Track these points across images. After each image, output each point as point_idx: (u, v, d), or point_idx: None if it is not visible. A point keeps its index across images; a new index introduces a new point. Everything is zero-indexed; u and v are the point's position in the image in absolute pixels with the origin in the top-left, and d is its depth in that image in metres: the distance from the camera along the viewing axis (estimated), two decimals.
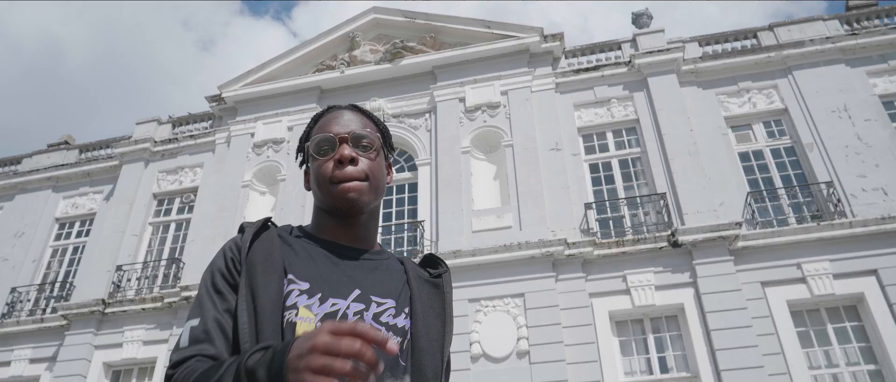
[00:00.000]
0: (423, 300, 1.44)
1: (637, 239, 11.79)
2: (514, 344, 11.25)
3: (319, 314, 1.29)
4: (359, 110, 1.54)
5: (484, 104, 14.37)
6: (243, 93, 16.27)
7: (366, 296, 1.36)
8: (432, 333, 1.40)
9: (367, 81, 15.75)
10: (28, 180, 17.55)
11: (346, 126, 1.45)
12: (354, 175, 1.40)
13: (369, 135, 1.45)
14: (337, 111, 1.51)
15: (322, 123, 1.49)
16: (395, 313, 1.37)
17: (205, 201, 15.23)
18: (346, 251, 1.43)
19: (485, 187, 13.62)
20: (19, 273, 15.86)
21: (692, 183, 12.33)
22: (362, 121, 1.50)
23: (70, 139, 20.08)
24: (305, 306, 1.30)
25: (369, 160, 1.43)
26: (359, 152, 1.42)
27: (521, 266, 11.92)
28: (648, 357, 11.25)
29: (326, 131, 1.44)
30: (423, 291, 1.46)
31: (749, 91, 13.60)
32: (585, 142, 13.92)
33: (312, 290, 1.32)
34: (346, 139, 1.42)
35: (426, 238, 13.11)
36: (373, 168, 1.44)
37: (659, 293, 11.44)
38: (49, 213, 16.91)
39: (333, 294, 1.33)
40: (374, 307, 1.35)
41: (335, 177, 1.40)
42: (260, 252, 1.36)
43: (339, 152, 1.41)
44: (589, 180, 13.38)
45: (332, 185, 1.40)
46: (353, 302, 1.33)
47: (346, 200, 1.39)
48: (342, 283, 1.36)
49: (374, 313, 1.34)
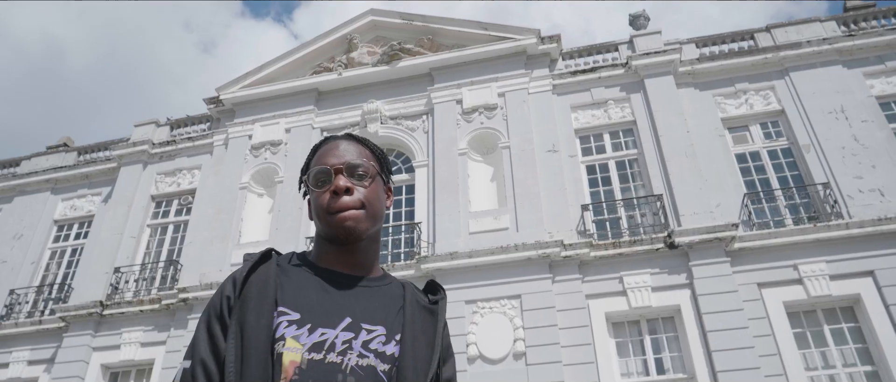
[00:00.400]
0: (415, 327, 1.45)
1: (633, 241, 11.79)
2: (510, 346, 11.25)
3: (308, 344, 1.32)
4: (355, 139, 1.58)
5: (481, 106, 14.38)
6: (241, 95, 16.30)
7: (356, 324, 1.39)
8: (419, 361, 1.41)
9: (365, 83, 15.77)
10: (27, 182, 17.58)
11: (340, 157, 1.50)
12: (350, 205, 1.44)
13: (364, 164, 1.50)
14: (333, 142, 1.56)
15: (319, 154, 1.54)
16: (385, 340, 1.40)
17: (203, 203, 15.25)
18: (343, 278, 1.47)
19: (482, 189, 13.63)
20: (18, 275, 15.89)
21: (689, 184, 12.34)
22: (358, 150, 1.54)
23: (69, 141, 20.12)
24: (293, 337, 1.33)
25: (365, 188, 1.48)
26: (354, 182, 1.47)
27: (517, 268, 11.93)
28: (645, 358, 11.25)
29: (322, 164, 1.49)
30: (418, 318, 1.48)
31: (746, 92, 13.61)
32: (582, 143, 13.93)
33: (302, 320, 1.36)
34: (340, 170, 1.47)
35: (423, 240, 13.12)
36: (369, 196, 1.48)
37: (655, 295, 11.44)
38: (47, 215, 16.94)
39: (323, 324, 1.36)
40: (364, 334, 1.38)
41: (331, 208, 1.44)
42: (254, 287, 1.40)
43: (335, 183, 1.45)
44: (586, 181, 13.39)
45: (330, 215, 1.44)
46: (342, 331, 1.36)
47: (344, 228, 1.43)
48: (333, 312, 1.39)
49: (363, 341, 1.37)
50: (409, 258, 12.98)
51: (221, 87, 16.51)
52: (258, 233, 14.29)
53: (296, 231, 13.83)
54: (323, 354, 1.32)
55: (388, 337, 1.40)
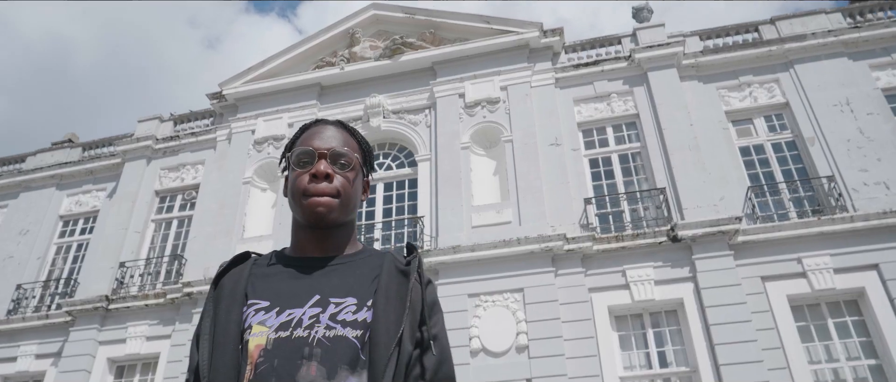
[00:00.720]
0: (389, 292, 1.44)
1: (636, 234, 11.76)
2: (513, 339, 11.26)
3: (274, 325, 1.36)
4: (344, 127, 1.59)
5: (483, 100, 14.36)
6: (244, 90, 16.32)
7: (324, 300, 1.40)
8: (390, 319, 1.40)
9: (367, 77, 15.76)
10: (32, 178, 17.66)
11: (327, 142, 1.51)
12: (326, 191, 1.45)
13: (348, 153, 1.51)
14: (322, 125, 1.57)
15: (306, 135, 1.55)
16: (356, 308, 1.40)
17: (206, 198, 15.29)
18: (314, 262, 1.49)
19: (484, 183, 13.62)
20: (25, 270, 15.98)
21: (692, 178, 12.29)
22: (345, 138, 1.55)
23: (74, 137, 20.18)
24: (260, 322, 1.37)
25: (344, 178, 1.49)
26: (336, 169, 1.48)
27: (520, 261, 11.93)
28: (648, 351, 11.24)
29: (308, 145, 1.51)
30: (393, 282, 1.47)
31: (750, 85, 13.53)
32: (585, 137, 13.89)
33: (271, 306, 1.40)
34: (324, 155, 1.48)
35: (426, 234, 13.12)
36: (346, 186, 1.49)
37: (658, 288, 11.41)
38: (53, 210, 17.02)
39: (290, 305, 1.39)
40: (332, 307, 1.39)
41: (308, 190, 1.45)
42: (226, 287, 1.48)
43: (316, 167, 1.46)
44: (589, 175, 13.36)
45: (304, 197, 1.46)
46: (309, 308, 1.38)
47: (315, 214, 1.45)
48: (301, 293, 1.41)
49: (331, 313, 1.38)
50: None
51: (224, 82, 16.53)
52: (262, 227, 14.33)
53: None
54: (289, 331, 1.34)
55: (360, 306, 1.40)
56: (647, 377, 10.98)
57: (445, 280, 12.08)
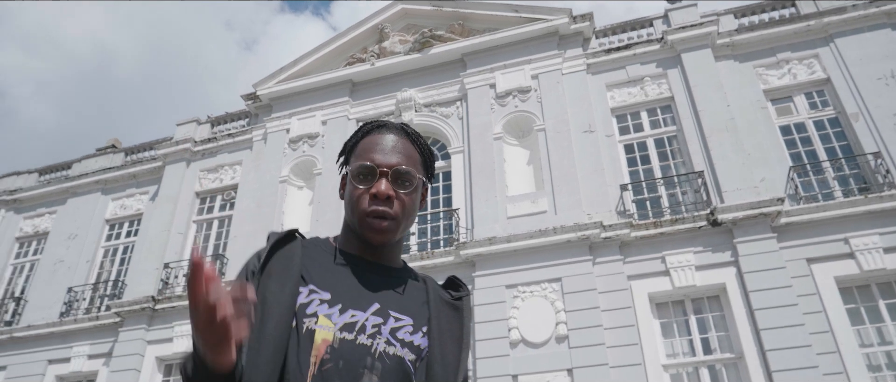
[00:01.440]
0: (441, 322, 1.44)
1: (675, 219, 11.56)
2: (552, 329, 11.20)
3: (339, 323, 1.32)
4: (407, 135, 1.52)
5: (515, 89, 14.26)
6: (277, 90, 16.51)
7: (385, 311, 1.38)
8: (448, 357, 1.40)
9: (397, 71, 15.78)
10: (79, 183, 18.20)
11: (389, 157, 1.44)
12: (387, 214, 1.40)
13: (410, 172, 1.44)
14: (385, 134, 1.50)
15: (368, 143, 1.49)
16: (413, 330, 1.38)
17: (245, 198, 15.55)
18: (368, 266, 1.45)
19: (518, 173, 13.54)
20: (75, 274, 16.51)
21: (731, 160, 12.02)
22: (409, 152, 1.48)
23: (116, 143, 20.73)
24: (325, 315, 1.32)
25: (405, 198, 1.43)
26: (397, 189, 1.42)
27: (557, 251, 11.84)
28: (690, 338, 11.06)
29: (370, 159, 1.44)
30: (443, 313, 1.46)
31: (788, 62, 13.14)
32: (619, 122, 13.68)
33: (333, 300, 1.35)
34: (386, 174, 1.42)
35: (462, 226, 13.12)
36: (407, 206, 1.44)
37: (699, 274, 11.21)
38: (99, 215, 17.51)
39: (353, 306, 1.35)
40: (392, 321, 1.37)
41: (368, 212, 1.41)
42: (278, 263, 1.40)
43: (377, 187, 1.41)
44: (624, 160, 13.17)
45: (365, 218, 1.41)
46: (371, 315, 1.35)
47: (373, 235, 1.42)
48: (362, 296, 1.38)
49: (392, 327, 1.36)
50: (448, 245, 13.00)
51: (258, 82, 16.75)
52: (299, 225, 14.49)
53: (336, 223, 13.97)
54: (354, 335, 1.32)
55: (415, 328, 1.39)
56: (691, 364, 10.81)
57: (482, 272, 12.07)
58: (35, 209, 18.57)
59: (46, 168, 19.54)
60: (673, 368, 10.82)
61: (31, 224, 18.38)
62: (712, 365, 10.72)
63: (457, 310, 1.49)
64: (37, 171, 19.58)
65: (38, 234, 18.12)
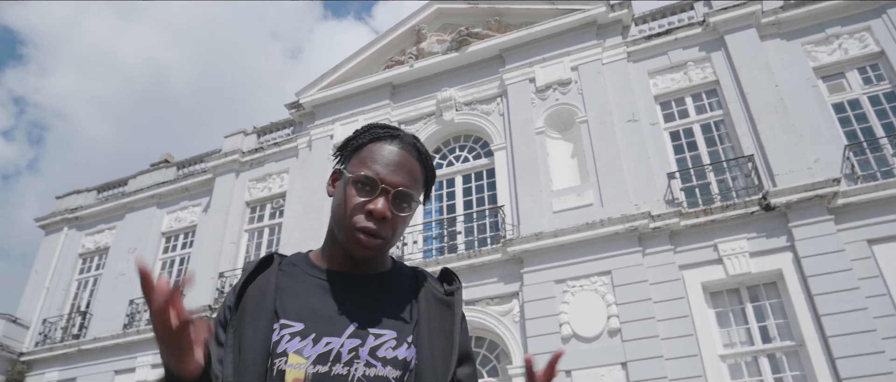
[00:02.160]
0: (431, 324, 1.37)
1: (726, 206, 11.28)
2: (604, 323, 11.08)
3: (312, 356, 1.26)
4: (417, 152, 1.42)
5: (555, 82, 14.13)
6: (319, 97, 16.75)
7: (363, 330, 1.30)
8: (437, 361, 1.33)
9: (436, 72, 15.82)
10: (135, 199, 18.84)
11: (394, 175, 1.35)
12: (378, 234, 1.32)
13: (412, 195, 1.36)
14: (395, 146, 1.39)
15: (375, 152, 1.38)
16: (396, 344, 1.31)
17: (293, 205, 15.84)
18: (348, 279, 1.38)
19: (563, 166, 13.43)
20: (135, 286, 17.05)
21: (782, 142, 11.66)
22: (414, 171, 1.39)
23: (169, 157, 21.36)
24: (296, 351, 1.26)
25: (399, 220, 1.35)
26: (394, 211, 1.33)
27: (605, 243, 11.70)
28: (748, 327, 10.78)
29: (374, 172, 1.34)
30: (433, 313, 1.39)
31: (838, 37, 12.66)
32: (664, 110, 13.42)
33: (306, 331, 1.28)
34: (387, 192, 1.33)
35: (508, 223, 13.08)
36: (398, 228, 1.36)
37: (754, 260, 10.91)
38: (155, 228, 18.09)
39: (328, 333, 1.28)
40: (371, 340, 1.30)
41: (359, 227, 1.32)
42: (252, 298, 1.34)
43: (375, 203, 1.32)
44: (670, 148, 12.91)
45: (353, 231, 1.32)
46: (347, 339, 1.28)
47: (358, 251, 1.33)
48: (337, 319, 1.31)
49: (371, 347, 1.29)
50: (495, 243, 12.98)
51: (300, 91, 17.03)
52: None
53: None
54: (328, 366, 1.25)
55: (399, 341, 1.31)
56: (750, 353, 10.55)
57: (530, 268, 12.01)
58: (95, 226, 19.30)
59: (104, 185, 20.28)
60: (730, 358, 10.58)
61: (93, 240, 19.11)
62: (772, 354, 10.43)
63: (448, 307, 1.41)
64: (95, 188, 20.35)
65: (100, 249, 18.83)
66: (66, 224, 19.71)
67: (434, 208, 14.72)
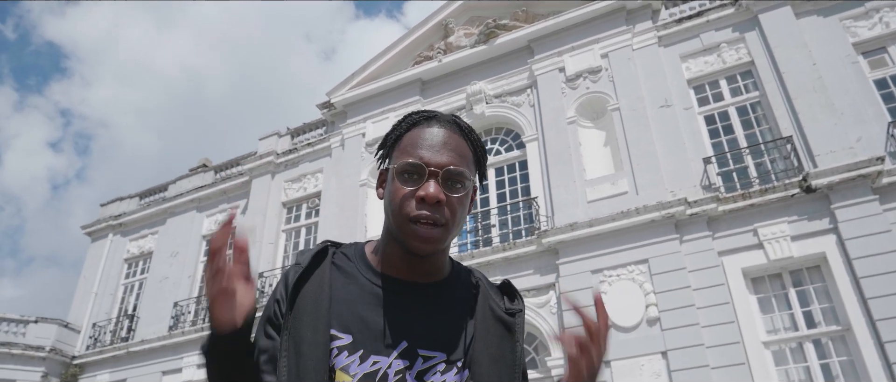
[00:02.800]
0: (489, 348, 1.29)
1: (765, 189, 11.03)
2: (642, 312, 10.95)
3: (358, 374, 1.20)
4: (459, 128, 1.33)
5: (585, 71, 13.98)
6: (350, 96, 16.87)
7: (412, 350, 1.23)
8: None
9: (465, 65, 15.79)
10: (175, 204, 19.26)
11: (440, 155, 1.26)
12: (435, 220, 1.23)
13: (462, 173, 1.26)
14: (435, 126, 1.30)
15: (415, 136, 1.29)
16: (444, 368, 1.24)
17: (328, 204, 16.00)
18: (403, 288, 1.30)
19: (596, 155, 13.29)
20: (179, 289, 17.49)
21: (821, 121, 11.34)
22: (460, 148, 1.29)
23: (207, 162, 21.81)
24: (342, 367, 1.20)
25: (456, 202, 1.26)
26: (448, 193, 1.24)
27: (641, 232, 11.56)
28: (791, 312, 10.53)
29: (418, 157, 1.25)
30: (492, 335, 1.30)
31: (879, 10, 12.23)
32: (697, 93, 13.16)
33: (354, 345, 1.22)
34: (436, 174, 1.24)
35: (542, 214, 13.01)
36: (457, 211, 1.26)
37: (796, 244, 10.65)
38: (196, 232, 18.47)
39: (376, 351, 1.22)
40: (419, 363, 1.23)
41: (413, 217, 1.23)
42: (309, 297, 1.26)
43: (425, 189, 1.22)
44: (705, 133, 12.66)
45: (409, 223, 1.23)
46: (396, 360, 1.22)
47: (418, 243, 1.24)
48: (388, 334, 1.24)
49: (418, 371, 1.22)
50: (530, 234, 12.92)
51: (331, 90, 17.18)
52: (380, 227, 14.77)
53: None
54: None
55: (449, 363, 1.24)
56: (794, 339, 10.31)
57: (566, 259, 11.93)
58: (139, 231, 19.81)
59: (145, 191, 20.78)
60: (774, 345, 10.35)
61: (137, 246, 19.62)
62: (817, 339, 10.18)
63: (509, 330, 1.32)
64: (137, 195, 20.86)
65: (144, 254, 19.32)
66: (110, 231, 20.27)
67: None
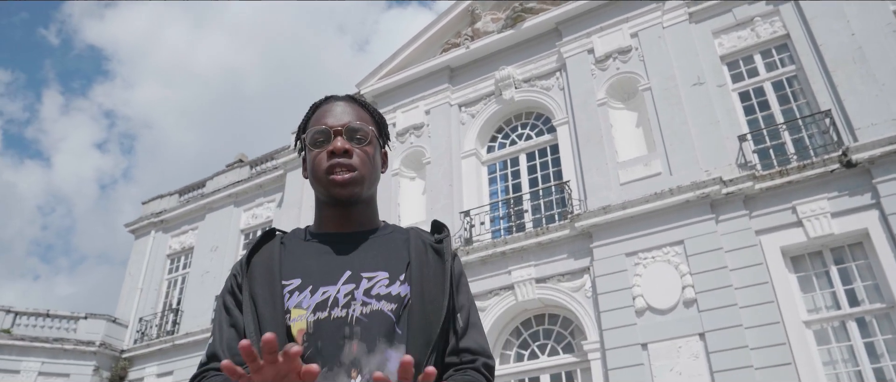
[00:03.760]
0: (423, 267, 1.45)
1: (803, 165, 10.75)
2: (679, 294, 10.82)
3: (311, 305, 1.35)
4: (355, 101, 1.57)
5: (614, 51, 13.78)
6: (379, 86, 16.94)
7: (356, 275, 1.40)
8: (427, 296, 1.40)
9: (493, 51, 15.70)
10: (213, 199, 19.66)
11: (340, 118, 1.49)
12: (347, 166, 1.44)
13: (363, 127, 1.49)
14: (333, 102, 1.55)
15: (318, 114, 1.54)
16: (389, 282, 1.40)
17: None
18: (341, 237, 1.49)
19: (627, 137, 13.13)
20: (220, 283, 17.85)
21: (861, 94, 10.99)
22: (357, 112, 1.53)
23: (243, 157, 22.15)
24: (296, 305, 1.36)
25: (363, 153, 1.48)
26: (353, 145, 1.47)
27: (676, 213, 11.40)
28: (833, 290, 10.29)
29: (321, 123, 1.49)
30: (425, 257, 1.47)
31: None
32: (731, 70, 12.87)
33: (303, 285, 1.38)
34: (339, 132, 1.47)
35: (574, 198, 12.92)
36: (365, 160, 1.48)
37: (836, 221, 10.37)
38: (234, 226, 18.84)
39: (324, 282, 1.38)
40: (365, 282, 1.39)
41: (328, 168, 1.45)
42: (259, 265, 1.45)
43: (333, 144, 1.45)
44: (740, 110, 12.39)
45: (326, 175, 1.45)
46: (343, 285, 1.38)
47: (340, 188, 1.45)
48: (332, 270, 1.41)
49: (365, 289, 1.38)
50: (563, 219, 12.86)
51: (361, 81, 17.27)
52: (415, 215, 14.86)
53: (450, 208, 14.21)
54: (327, 312, 1.34)
55: (392, 279, 1.41)
56: (837, 318, 10.08)
57: (600, 242, 11.85)
58: (180, 227, 20.28)
59: (185, 188, 21.25)
60: (816, 324, 10.14)
61: (178, 241, 20.10)
62: (861, 318, 9.94)
63: (438, 254, 1.49)
64: (177, 192, 21.35)
65: (185, 249, 19.79)
66: (152, 228, 20.80)
67: (500, 188, 14.69)
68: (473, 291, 12.89)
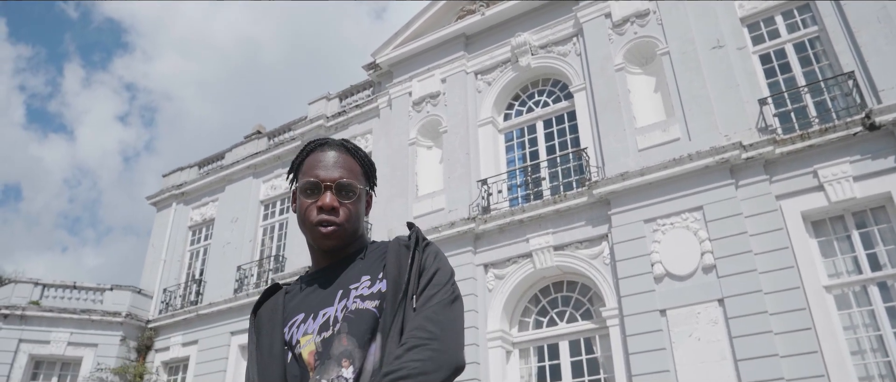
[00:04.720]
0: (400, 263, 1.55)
1: (825, 128, 10.59)
2: (698, 260, 10.80)
3: (315, 329, 1.51)
4: (347, 150, 1.67)
5: (632, 14, 13.54)
6: (395, 55, 16.85)
7: (346, 290, 1.55)
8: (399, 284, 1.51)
9: (509, 17, 15.51)
10: (233, 171, 19.82)
11: (331, 172, 1.59)
12: (333, 222, 1.56)
13: (352, 185, 1.60)
14: (326, 151, 1.65)
15: (312, 161, 1.64)
16: (371, 283, 1.54)
17: (379, 164, 16.14)
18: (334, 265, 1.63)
19: (645, 102, 12.98)
20: (241, 253, 18.14)
21: (886, 54, 10.74)
22: (349, 165, 1.63)
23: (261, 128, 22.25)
24: (303, 333, 1.52)
25: (349, 208, 1.59)
26: (341, 200, 1.58)
27: (695, 178, 11.32)
28: (855, 255, 10.21)
29: (313, 175, 1.60)
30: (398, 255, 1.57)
31: None
32: (751, 32, 12.62)
33: (306, 316, 1.55)
34: (330, 187, 1.57)
35: (592, 165, 12.86)
36: (352, 214, 1.59)
37: (859, 185, 10.25)
38: (254, 197, 19.02)
39: (323, 307, 1.54)
40: (353, 292, 1.53)
41: (316, 221, 1.56)
42: (265, 316, 1.64)
43: (322, 199, 1.56)
44: (761, 73, 12.18)
45: (314, 227, 1.57)
46: (338, 303, 1.53)
47: (323, 242, 1.59)
48: (328, 296, 1.56)
49: (354, 296, 1.52)
50: (581, 186, 12.83)
51: (376, 51, 17.18)
52: (433, 184, 14.90)
53: (467, 177, 14.21)
54: (331, 330, 1.49)
55: (373, 280, 1.54)
56: (858, 282, 10.02)
57: (618, 209, 11.82)
58: (200, 199, 20.53)
59: (204, 161, 21.43)
60: (837, 289, 10.09)
61: (199, 213, 20.36)
62: (883, 282, 9.87)
63: (408, 249, 1.58)
64: (196, 164, 21.54)
65: (206, 221, 20.05)
66: (174, 200, 21.06)
67: (517, 156, 14.66)
68: (491, 259, 12.97)
